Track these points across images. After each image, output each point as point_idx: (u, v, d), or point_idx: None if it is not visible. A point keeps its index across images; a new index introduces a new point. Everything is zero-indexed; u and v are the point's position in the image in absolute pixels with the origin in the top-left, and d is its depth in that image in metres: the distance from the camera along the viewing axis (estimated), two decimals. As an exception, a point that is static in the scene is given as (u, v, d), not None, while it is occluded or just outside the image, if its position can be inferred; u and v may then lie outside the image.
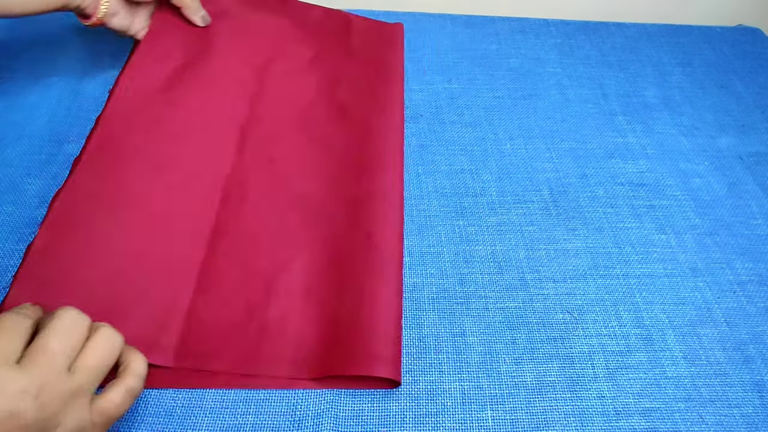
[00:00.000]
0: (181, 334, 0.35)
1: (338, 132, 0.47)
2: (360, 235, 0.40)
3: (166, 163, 0.41)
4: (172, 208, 0.40)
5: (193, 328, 0.35)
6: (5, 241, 0.40)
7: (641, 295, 0.40)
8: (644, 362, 0.37)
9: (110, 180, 0.39)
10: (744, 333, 0.39)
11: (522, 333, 0.38)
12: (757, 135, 0.53)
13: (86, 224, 0.37)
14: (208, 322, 0.36)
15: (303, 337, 0.36)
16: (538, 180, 0.47)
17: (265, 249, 0.39)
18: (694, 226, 0.45)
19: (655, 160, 0.50)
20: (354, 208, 0.42)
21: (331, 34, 0.55)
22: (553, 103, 0.54)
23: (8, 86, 0.50)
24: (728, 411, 0.35)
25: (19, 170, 0.44)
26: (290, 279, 0.38)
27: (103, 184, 0.39)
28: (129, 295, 0.35)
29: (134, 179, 0.40)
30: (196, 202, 0.41)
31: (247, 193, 0.42)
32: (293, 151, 0.45)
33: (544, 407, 0.35)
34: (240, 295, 0.37)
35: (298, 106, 0.49)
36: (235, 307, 0.36)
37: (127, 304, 0.35)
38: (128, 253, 0.37)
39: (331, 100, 0.50)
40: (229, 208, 0.41)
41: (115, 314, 0.33)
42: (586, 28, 0.64)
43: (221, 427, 0.33)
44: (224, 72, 0.48)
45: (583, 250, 0.43)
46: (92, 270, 0.35)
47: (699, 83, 0.58)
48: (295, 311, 0.37)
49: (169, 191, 0.40)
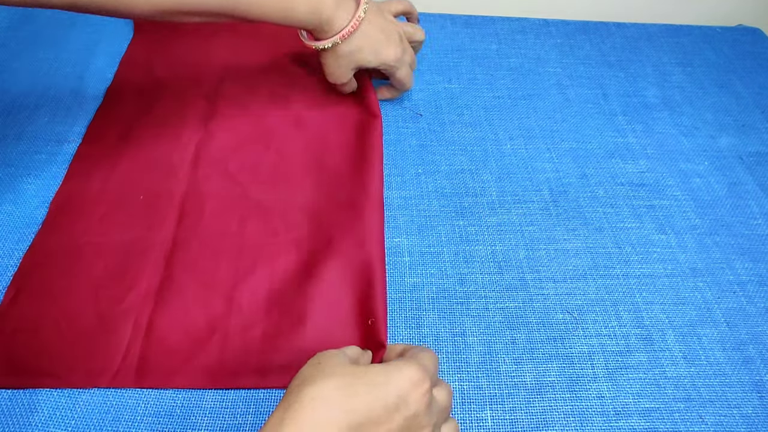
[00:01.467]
0: (140, 354, 0.35)
1: (295, 137, 0.48)
2: (322, 240, 0.40)
3: (124, 200, 0.42)
4: (130, 237, 0.40)
5: (153, 347, 0.35)
6: (5, 240, 0.40)
7: (641, 295, 0.40)
8: (644, 362, 0.37)
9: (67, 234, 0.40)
10: (744, 333, 0.39)
11: (522, 333, 0.38)
12: (758, 135, 0.53)
13: (46, 279, 0.38)
14: (168, 339, 0.35)
15: (267, 346, 0.35)
16: (538, 180, 0.47)
17: (226, 260, 0.39)
18: (694, 226, 0.45)
19: (655, 160, 0.50)
20: (316, 214, 0.42)
21: (282, 45, 0.55)
22: (553, 103, 0.54)
23: (8, 86, 0.50)
24: (728, 411, 0.35)
25: (19, 170, 0.44)
26: (253, 289, 0.38)
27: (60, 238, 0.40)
28: (88, 326, 0.36)
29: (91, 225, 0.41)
30: (153, 224, 0.41)
31: (204, 207, 0.42)
32: (249, 160, 0.46)
33: (543, 407, 0.35)
34: (200, 308, 0.37)
35: (251, 117, 0.49)
36: (195, 321, 0.36)
37: (88, 334, 0.35)
38: (87, 288, 0.37)
39: (285, 106, 0.50)
40: (186, 224, 0.41)
41: (79, 344, 0.35)
42: (586, 28, 0.64)
43: (221, 427, 0.33)
44: (173, 106, 0.49)
45: (583, 250, 0.43)
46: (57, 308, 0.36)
47: (699, 83, 0.58)
48: (257, 321, 0.37)
49: (127, 223, 0.41)
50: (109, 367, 0.34)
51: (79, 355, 0.35)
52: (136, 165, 0.44)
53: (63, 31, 0.56)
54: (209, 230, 0.41)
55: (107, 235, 0.40)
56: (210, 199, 0.43)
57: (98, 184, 0.43)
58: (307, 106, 0.50)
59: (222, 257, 0.39)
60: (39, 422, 0.32)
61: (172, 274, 0.38)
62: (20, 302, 0.37)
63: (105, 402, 0.33)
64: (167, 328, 0.36)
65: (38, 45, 0.54)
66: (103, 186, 0.43)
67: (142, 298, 0.37)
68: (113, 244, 0.39)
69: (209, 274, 0.38)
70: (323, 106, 0.50)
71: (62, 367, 0.34)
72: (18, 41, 0.55)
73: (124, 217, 0.41)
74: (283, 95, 0.51)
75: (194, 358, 0.35)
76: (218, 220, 0.41)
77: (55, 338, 0.35)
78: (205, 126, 0.48)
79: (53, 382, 0.34)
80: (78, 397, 0.33)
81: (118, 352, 0.35)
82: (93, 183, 0.43)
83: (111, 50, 0.55)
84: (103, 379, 0.34)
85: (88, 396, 0.33)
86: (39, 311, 0.36)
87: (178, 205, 0.42)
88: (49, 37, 0.55)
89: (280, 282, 0.38)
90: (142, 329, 0.36)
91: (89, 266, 0.38)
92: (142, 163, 0.45)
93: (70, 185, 0.43)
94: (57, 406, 0.33)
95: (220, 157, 0.45)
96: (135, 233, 0.40)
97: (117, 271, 0.38)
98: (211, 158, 0.45)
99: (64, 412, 0.33)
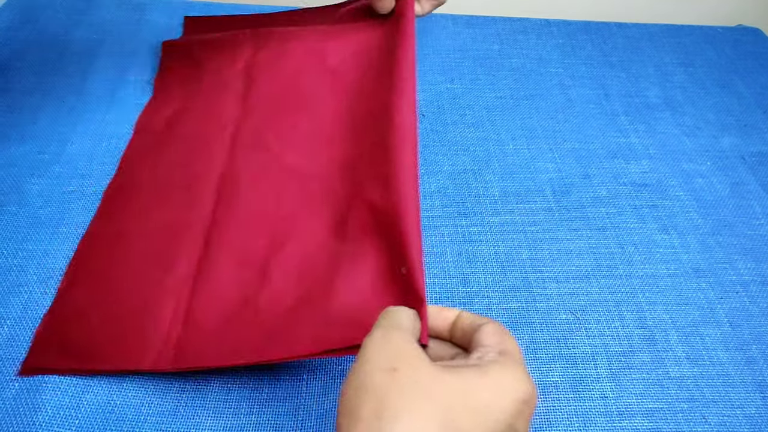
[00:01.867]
0: (179, 336, 0.35)
1: (328, 92, 0.46)
2: (354, 193, 0.38)
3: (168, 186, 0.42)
4: (169, 220, 0.40)
5: (190, 329, 0.35)
6: (9, 240, 0.40)
7: (644, 295, 0.40)
8: (647, 363, 0.37)
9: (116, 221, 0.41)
10: (747, 333, 0.39)
11: (525, 333, 0.38)
12: (760, 135, 0.53)
13: (97, 265, 0.39)
14: (205, 320, 0.35)
15: (299, 315, 0.34)
16: (541, 180, 0.47)
17: (262, 234, 0.39)
18: (696, 227, 0.45)
19: (658, 161, 0.50)
20: (349, 166, 0.40)
21: (315, 16, 0.55)
22: (555, 104, 0.54)
23: (11, 85, 0.50)
24: (731, 412, 0.35)
25: (22, 170, 0.44)
26: (286, 259, 0.37)
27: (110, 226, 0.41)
28: (134, 309, 0.36)
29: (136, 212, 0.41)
30: (192, 205, 0.41)
31: (239, 184, 0.42)
32: (284, 128, 0.45)
33: (547, 407, 0.35)
34: (235, 287, 0.37)
35: (286, 80, 0.48)
36: (230, 300, 0.36)
37: (133, 317, 0.36)
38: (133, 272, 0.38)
39: (320, 61, 0.49)
40: (224, 202, 0.41)
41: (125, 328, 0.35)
42: (588, 28, 0.64)
43: (224, 426, 0.33)
44: (213, 87, 0.49)
45: (586, 250, 0.43)
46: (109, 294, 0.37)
47: (701, 83, 0.58)
48: (289, 291, 0.35)
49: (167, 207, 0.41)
50: (151, 350, 0.34)
51: (125, 338, 0.35)
52: (180, 149, 0.45)
53: (66, 30, 0.56)
54: (247, 206, 0.40)
55: (150, 219, 0.40)
56: (246, 175, 0.42)
57: (147, 173, 0.44)
58: (341, 55, 0.49)
59: (258, 232, 0.39)
60: (43, 422, 0.32)
61: (209, 254, 0.38)
62: (76, 288, 0.37)
63: (109, 402, 0.33)
64: (204, 309, 0.36)
65: (41, 44, 0.54)
66: (151, 174, 0.43)
67: (182, 280, 0.37)
68: (155, 228, 0.40)
69: (244, 251, 0.38)
70: (357, 52, 0.48)
71: (111, 351, 0.34)
72: (20, 41, 0.55)
73: (166, 201, 0.41)
74: (318, 49, 0.49)
75: (228, 335, 0.34)
76: (255, 194, 0.41)
77: (106, 323, 0.36)
78: (243, 103, 0.47)
79: (103, 365, 0.34)
80: (82, 396, 0.33)
81: (159, 334, 0.35)
82: (142, 171, 0.44)
83: (114, 50, 0.55)
84: (146, 362, 0.34)
85: (92, 396, 0.33)
86: (92, 297, 0.37)
87: (216, 185, 0.42)
88: (51, 37, 0.55)
89: (314, 247, 0.37)
90: (182, 311, 0.36)
91: (134, 251, 0.39)
92: (185, 147, 0.45)
93: (122, 175, 0.44)
94: (61, 406, 0.33)
95: (258, 131, 0.45)
96: (175, 215, 0.40)
97: (158, 254, 0.38)
98: (249, 134, 0.45)
99: (68, 411, 0.33)
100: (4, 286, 0.38)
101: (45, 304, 0.37)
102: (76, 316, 0.36)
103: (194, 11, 0.60)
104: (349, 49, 0.49)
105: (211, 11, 0.60)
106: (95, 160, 0.45)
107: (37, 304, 0.37)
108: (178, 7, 0.60)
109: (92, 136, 0.47)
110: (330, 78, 0.48)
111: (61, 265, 0.39)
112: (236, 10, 0.60)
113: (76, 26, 0.57)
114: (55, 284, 0.38)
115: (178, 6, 0.60)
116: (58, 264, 0.39)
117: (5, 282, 0.38)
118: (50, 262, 0.39)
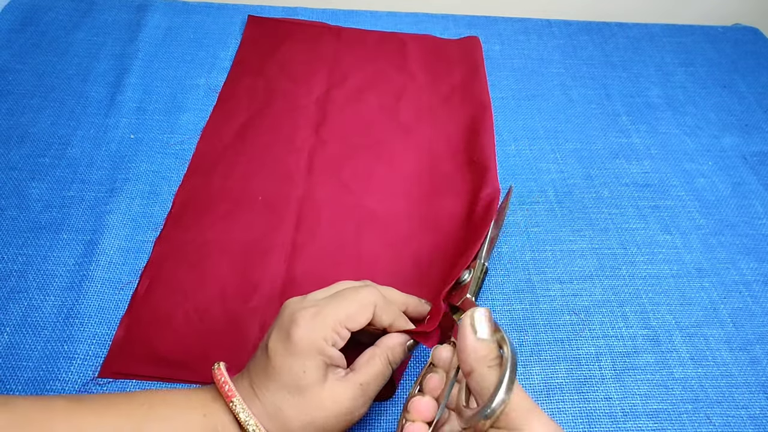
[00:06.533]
0: None
1: (404, 148, 0.48)
2: (438, 251, 0.40)
3: (244, 200, 0.43)
4: (251, 237, 0.41)
5: None
6: (9, 245, 0.40)
7: (647, 295, 0.40)
8: (651, 363, 0.37)
9: (194, 228, 0.42)
10: (750, 333, 0.39)
11: (529, 334, 0.38)
12: (761, 135, 0.53)
13: (177, 272, 0.39)
14: None
15: None
16: (543, 181, 0.47)
17: (345, 269, 0.40)
18: (699, 227, 0.45)
19: (659, 161, 0.50)
20: (431, 226, 0.42)
21: (387, 55, 0.57)
22: (556, 104, 0.54)
23: (12, 88, 0.50)
24: (735, 412, 0.35)
25: (23, 173, 0.44)
26: None
27: (188, 233, 0.41)
28: (218, 321, 0.37)
29: (215, 222, 0.42)
30: (272, 226, 0.42)
31: (320, 213, 0.43)
32: (361, 169, 0.46)
33: (551, 408, 0.35)
34: None
35: (361, 126, 0.50)
36: None
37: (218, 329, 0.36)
38: (215, 284, 0.38)
39: (394, 117, 0.51)
40: (304, 229, 0.42)
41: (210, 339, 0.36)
42: (589, 28, 0.64)
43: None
44: (285, 109, 0.50)
45: (589, 251, 0.43)
46: (189, 301, 0.38)
47: (702, 83, 0.58)
48: None
49: (248, 222, 0.42)
50: (237, 365, 0.34)
51: (210, 349, 0.35)
52: (253, 166, 0.46)
53: (66, 33, 0.56)
54: (327, 236, 0.42)
55: (230, 233, 0.41)
56: (326, 206, 0.43)
57: (218, 182, 0.44)
58: (416, 118, 0.51)
59: (341, 265, 0.40)
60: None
61: (294, 279, 0.39)
62: (154, 293, 0.38)
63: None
64: None
65: (42, 47, 0.54)
66: (222, 184, 0.44)
67: (267, 300, 0.38)
68: (236, 243, 0.41)
69: (325, 281, 0.37)
70: (433, 121, 0.51)
71: (196, 360, 0.35)
72: (21, 43, 0.54)
73: (244, 217, 0.42)
74: (392, 106, 0.52)
75: None
76: (335, 227, 0.42)
77: (188, 331, 0.36)
78: (316, 133, 0.49)
79: (189, 374, 0.34)
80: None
81: (246, 350, 0.35)
82: (214, 180, 0.45)
83: (114, 53, 0.54)
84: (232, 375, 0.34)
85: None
86: (172, 303, 0.37)
87: (296, 210, 0.43)
88: (52, 40, 0.55)
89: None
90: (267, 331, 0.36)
91: (216, 263, 0.40)
92: (258, 163, 0.46)
93: (192, 181, 0.44)
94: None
95: (333, 165, 0.46)
96: (256, 234, 0.41)
97: (241, 270, 0.39)
98: (324, 165, 0.46)
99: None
100: (3, 291, 0.37)
101: (46, 310, 0.37)
102: (158, 324, 0.36)
103: (194, 13, 0.60)
104: (424, 113, 0.51)
105: (211, 13, 0.60)
106: (95, 164, 0.45)
107: (37, 309, 0.37)
108: (178, 9, 0.60)
109: (92, 140, 0.47)
110: (404, 133, 0.49)
111: (60, 270, 0.39)
112: (236, 10, 0.60)
113: (76, 29, 0.57)
114: (54, 289, 0.38)
115: (179, 8, 0.60)
116: (57, 269, 0.39)
117: (5, 287, 0.38)
118: (50, 268, 0.39)
